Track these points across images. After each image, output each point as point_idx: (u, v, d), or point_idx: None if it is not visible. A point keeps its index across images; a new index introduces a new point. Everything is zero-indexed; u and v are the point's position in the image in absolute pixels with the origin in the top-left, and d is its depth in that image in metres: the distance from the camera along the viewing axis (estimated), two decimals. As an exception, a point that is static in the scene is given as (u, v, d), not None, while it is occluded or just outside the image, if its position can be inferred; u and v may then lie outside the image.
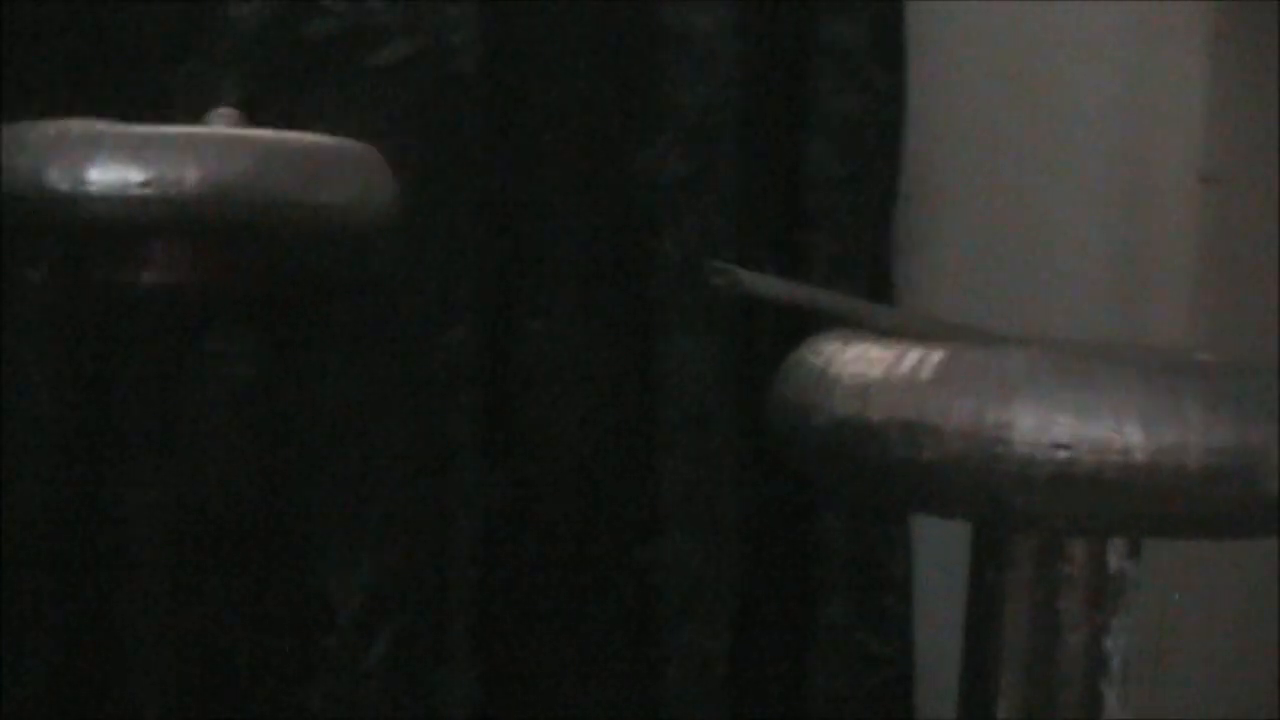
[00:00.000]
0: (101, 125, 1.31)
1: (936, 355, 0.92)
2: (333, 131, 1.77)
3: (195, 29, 1.92)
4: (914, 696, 2.30)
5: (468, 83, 1.99)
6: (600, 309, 2.11)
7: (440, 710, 2.04)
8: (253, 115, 1.51)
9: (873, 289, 2.28)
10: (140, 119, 1.46)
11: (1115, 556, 0.98)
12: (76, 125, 1.30)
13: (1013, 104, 2.29)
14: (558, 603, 2.12)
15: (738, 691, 2.20)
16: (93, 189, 1.25)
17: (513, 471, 2.09)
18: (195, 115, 1.87)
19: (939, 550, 2.32)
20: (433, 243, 1.97)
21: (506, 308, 2.08)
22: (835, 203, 2.22)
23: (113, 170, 1.25)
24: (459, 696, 2.05)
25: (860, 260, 2.25)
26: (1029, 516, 0.90)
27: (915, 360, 0.92)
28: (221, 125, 1.39)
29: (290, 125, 1.67)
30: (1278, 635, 2.02)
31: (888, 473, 0.91)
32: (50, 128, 1.30)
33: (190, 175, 1.25)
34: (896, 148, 2.28)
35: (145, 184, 1.24)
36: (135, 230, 1.28)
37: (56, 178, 1.25)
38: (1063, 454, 0.88)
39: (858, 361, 0.94)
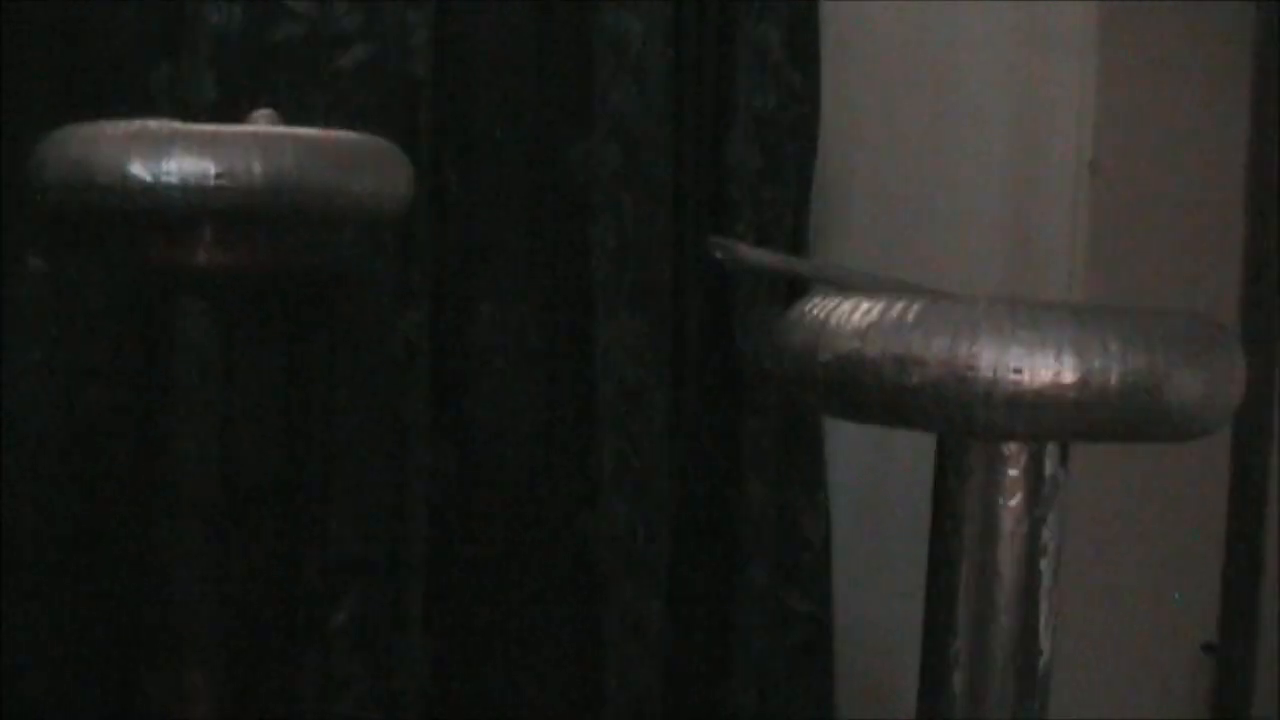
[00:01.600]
0: (176, 124, 1.58)
1: (916, 305, 1.27)
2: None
3: (172, 33, 2.15)
4: (833, 651, 2.59)
5: (421, 84, 2.24)
6: (543, 292, 2.37)
7: (397, 674, 2.26)
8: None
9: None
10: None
11: (1050, 462, 1.34)
12: (154, 124, 1.58)
13: (916, 101, 2.59)
14: (504, 570, 2.35)
15: (671, 650, 2.46)
16: (172, 179, 1.53)
17: (463, 446, 2.33)
18: (181, 113, 2.13)
19: (853, 513, 2.61)
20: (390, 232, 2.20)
21: (458, 292, 2.32)
22: (755, 193, 2.51)
23: (189, 162, 1.54)
24: (414, 661, 2.27)
25: (780, 245, 2.52)
26: (990, 427, 1.26)
27: (900, 309, 1.28)
28: (263, 124, 1.66)
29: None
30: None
31: (882, 396, 1.26)
32: (130, 125, 1.58)
33: (256, 167, 1.54)
34: (811, 142, 2.58)
35: (220, 175, 1.53)
36: (205, 216, 1.56)
37: (139, 169, 1.54)
38: (1016, 377, 1.23)
39: (853, 312, 1.28)
